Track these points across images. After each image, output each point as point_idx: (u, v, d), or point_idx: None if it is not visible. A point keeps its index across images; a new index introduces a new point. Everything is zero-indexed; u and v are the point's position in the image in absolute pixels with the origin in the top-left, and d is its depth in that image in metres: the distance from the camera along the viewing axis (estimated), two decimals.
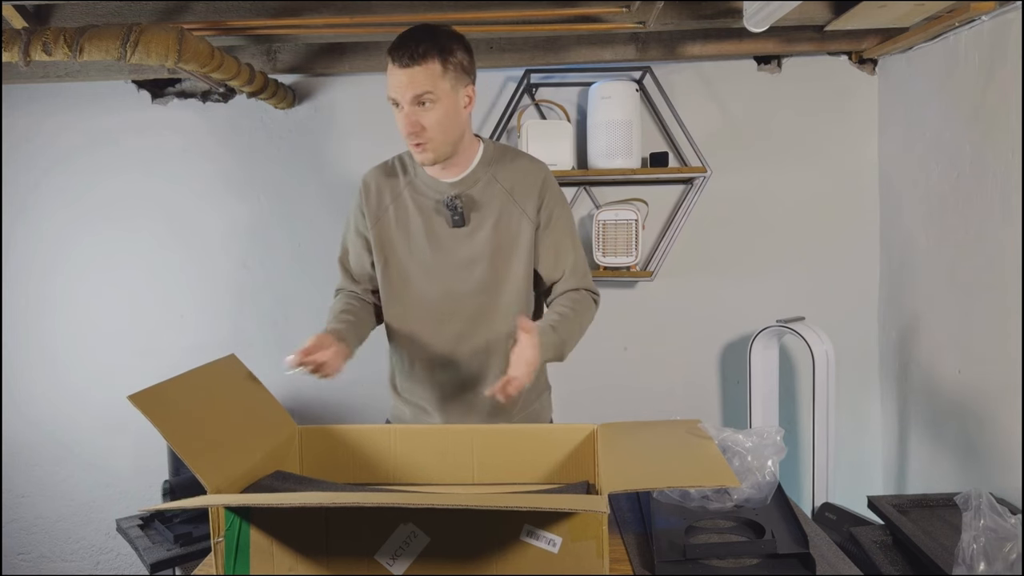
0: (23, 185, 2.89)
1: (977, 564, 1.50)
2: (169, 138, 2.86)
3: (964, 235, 2.21)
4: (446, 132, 1.55)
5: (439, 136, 1.54)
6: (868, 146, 2.76)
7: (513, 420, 1.73)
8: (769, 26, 1.98)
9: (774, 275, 2.82)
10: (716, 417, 2.89)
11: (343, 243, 1.78)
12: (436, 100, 1.51)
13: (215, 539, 1.11)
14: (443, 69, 1.51)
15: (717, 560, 1.20)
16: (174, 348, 2.88)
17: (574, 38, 2.59)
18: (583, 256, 1.75)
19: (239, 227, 2.89)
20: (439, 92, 1.51)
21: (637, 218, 2.63)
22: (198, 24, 2.17)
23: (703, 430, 1.35)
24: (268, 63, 2.63)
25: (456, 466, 1.40)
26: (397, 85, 1.51)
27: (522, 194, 1.66)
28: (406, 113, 1.52)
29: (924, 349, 2.47)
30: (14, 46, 1.92)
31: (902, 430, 2.64)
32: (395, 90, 1.51)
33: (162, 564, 2.21)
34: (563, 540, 1.04)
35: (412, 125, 1.52)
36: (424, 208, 1.66)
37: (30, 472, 2.97)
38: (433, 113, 1.52)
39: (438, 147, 1.56)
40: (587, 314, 1.68)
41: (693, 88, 2.78)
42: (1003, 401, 2.04)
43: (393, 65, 1.51)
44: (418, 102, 1.51)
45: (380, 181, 1.71)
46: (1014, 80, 1.95)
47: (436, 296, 1.67)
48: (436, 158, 1.58)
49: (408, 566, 1.07)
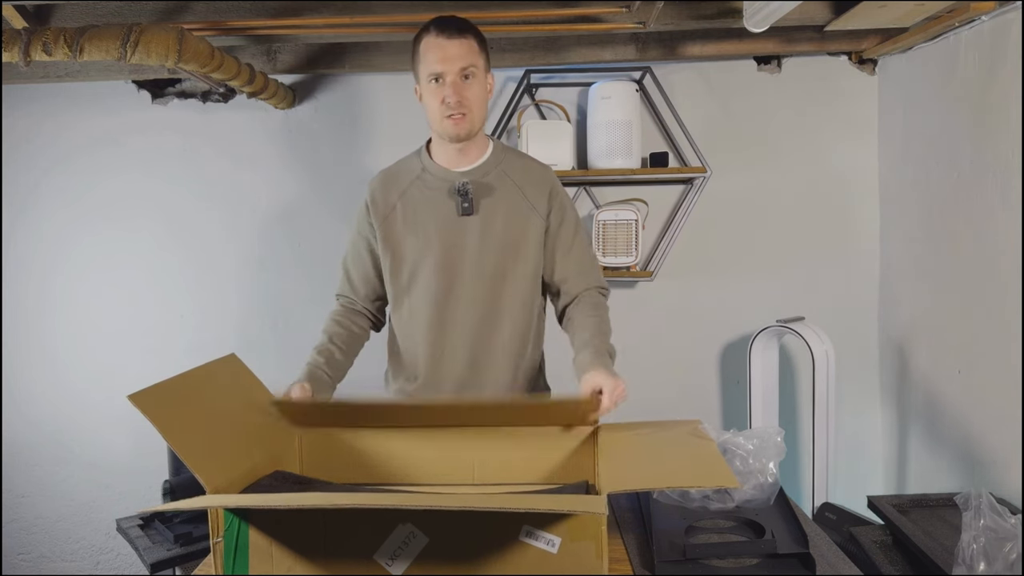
0: (23, 185, 2.89)
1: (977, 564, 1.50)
2: (169, 138, 2.86)
3: (964, 235, 2.21)
4: (481, 109, 1.63)
5: (476, 111, 1.61)
6: (868, 146, 2.76)
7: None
8: (769, 26, 1.98)
9: (774, 275, 2.82)
10: (716, 417, 2.89)
11: (348, 246, 1.80)
12: (476, 75, 1.59)
13: (214, 539, 1.11)
14: (480, 48, 1.60)
15: (717, 560, 1.20)
16: (174, 348, 2.88)
17: (574, 38, 2.59)
18: (591, 254, 1.80)
19: (239, 227, 2.89)
20: (479, 68, 1.59)
21: (637, 218, 2.63)
22: (198, 24, 2.17)
23: (703, 431, 1.35)
24: (268, 63, 2.64)
25: (455, 466, 1.40)
26: (444, 58, 1.55)
27: (533, 192, 1.69)
28: (451, 83, 1.57)
29: (924, 349, 2.47)
30: (14, 46, 1.92)
31: (902, 430, 2.64)
32: (442, 63, 1.56)
33: (162, 564, 2.21)
34: (562, 540, 1.04)
35: (457, 94, 1.57)
36: (434, 199, 1.68)
37: (30, 472, 2.98)
38: (475, 87, 1.59)
39: (474, 121, 1.62)
40: (606, 314, 1.73)
41: (693, 88, 2.78)
42: (1003, 401, 2.04)
43: (439, 37, 1.56)
44: (463, 75, 1.57)
45: (386, 182, 1.74)
46: (1014, 80, 1.95)
47: (442, 287, 1.67)
48: (470, 132, 1.63)
49: (407, 566, 1.07)
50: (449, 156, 1.68)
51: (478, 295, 1.66)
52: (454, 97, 1.56)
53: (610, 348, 1.64)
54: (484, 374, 1.69)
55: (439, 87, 1.58)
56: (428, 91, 1.60)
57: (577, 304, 1.72)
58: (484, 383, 1.70)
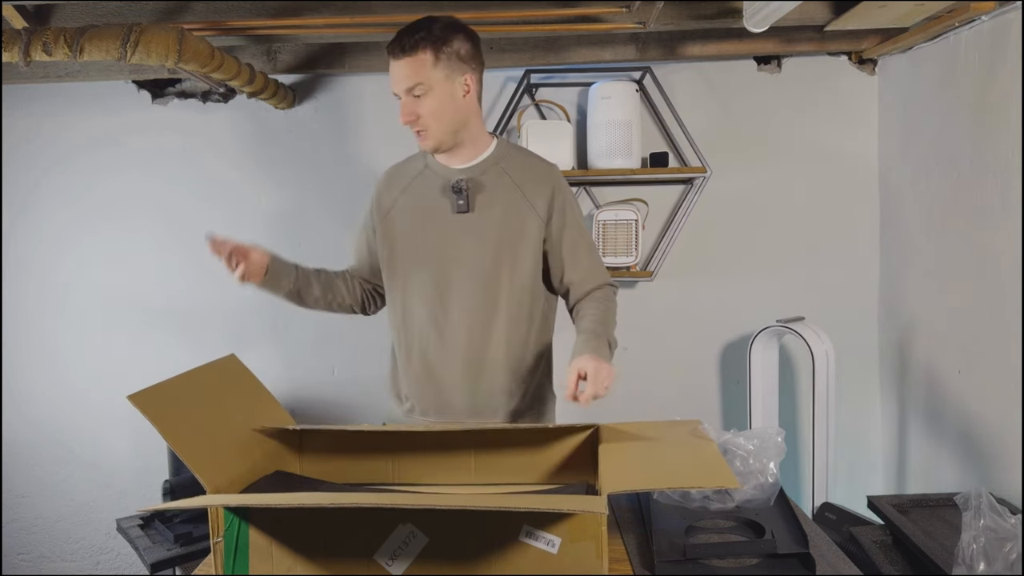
0: (23, 185, 2.89)
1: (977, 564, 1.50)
2: (169, 138, 2.86)
3: (964, 235, 2.21)
4: (441, 120, 1.61)
5: (434, 124, 1.61)
6: (868, 146, 2.76)
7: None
8: (769, 26, 1.98)
9: (774, 275, 2.82)
10: (716, 417, 2.89)
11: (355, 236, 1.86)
12: (428, 90, 1.58)
13: (214, 539, 1.11)
14: (435, 59, 1.57)
15: (717, 560, 1.20)
16: (174, 348, 2.88)
17: (574, 38, 2.59)
18: (597, 252, 1.81)
19: (239, 227, 2.89)
20: (431, 82, 1.58)
21: (637, 218, 2.63)
22: (198, 24, 2.17)
23: (704, 431, 1.35)
24: (268, 63, 2.64)
25: (455, 466, 1.40)
26: (392, 77, 1.60)
27: (532, 191, 1.68)
28: (403, 103, 1.61)
29: (924, 349, 2.47)
30: (14, 46, 1.92)
31: (902, 430, 2.64)
32: (393, 83, 1.61)
33: (162, 564, 2.21)
34: (562, 541, 1.04)
35: (407, 115, 1.61)
36: (431, 195, 1.69)
37: (30, 472, 2.98)
38: (427, 102, 1.59)
39: (436, 135, 1.63)
40: (613, 306, 1.75)
41: (693, 88, 2.78)
42: (1003, 401, 2.04)
43: (391, 57, 1.59)
44: (411, 93, 1.59)
45: (390, 179, 1.77)
46: (1014, 80, 1.95)
47: (437, 284, 1.67)
48: (437, 145, 1.65)
49: (407, 566, 1.07)
50: (446, 155, 1.69)
51: (473, 294, 1.66)
52: (403, 117, 1.61)
53: (610, 337, 1.64)
54: (480, 376, 1.68)
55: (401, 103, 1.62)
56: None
57: (586, 298, 1.73)
58: (480, 385, 1.68)
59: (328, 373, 2.89)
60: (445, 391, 1.70)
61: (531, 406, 1.75)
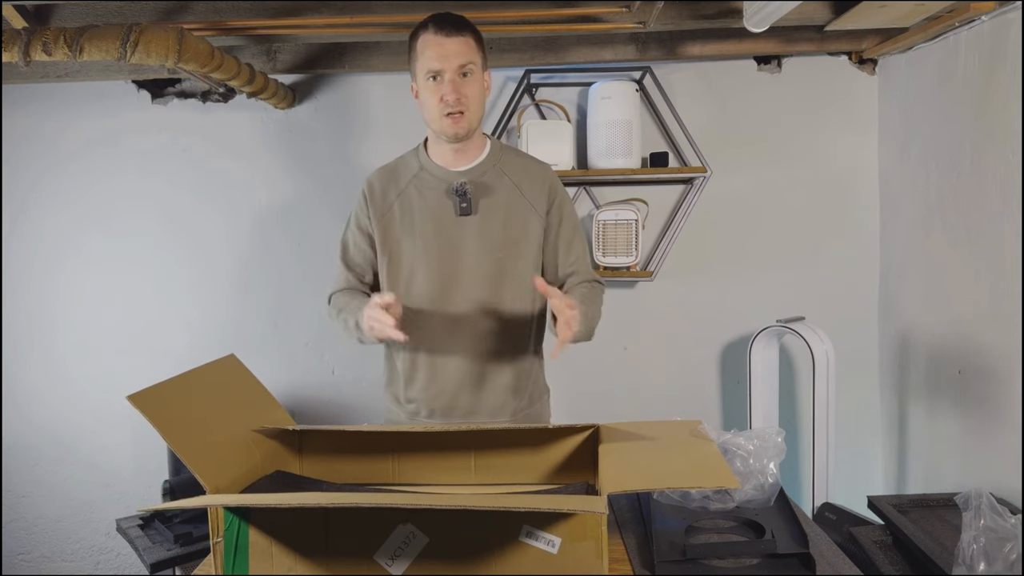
0: (23, 185, 2.89)
1: (977, 564, 1.50)
2: (169, 138, 2.86)
3: (964, 235, 2.21)
4: (479, 107, 1.62)
5: (474, 108, 1.60)
6: (868, 146, 2.76)
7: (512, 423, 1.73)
8: (769, 26, 1.98)
9: (774, 275, 2.82)
10: (716, 417, 2.89)
11: (343, 243, 1.78)
12: (474, 72, 1.58)
13: (214, 539, 1.11)
14: (477, 46, 1.59)
15: (717, 560, 1.20)
16: (174, 348, 2.88)
17: (574, 38, 2.59)
18: (587, 252, 1.82)
19: (239, 227, 2.89)
20: (477, 66, 1.58)
21: (637, 218, 2.63)
22: (198, 24, 2.17)
23: (704, 431, 1.35)
24: (268, 63, 2.63)
25: (455, 466, 1.40)
26: (443, 55, 1.54)
27: (531, 191, 1.68)
28: (450, 80, 1.55)
29: (924, 349, 2.47)
30: (14, 46, 1.92)
31: (902, 430, 2.64)
32: (440, 60, 1.54)
33: (162, 564, 2.21)
34: (562, 541, 1.04)
35: (457, 92, 1.55)
36: (431, 198, 1.67)
37: (30, 472, 2.97)
38: (473, 85, 1.58)
39: (472, 119, 1.61)
40: (600, 299, 1.74)
41: (693, 88, 2.78)
42: (1003, 401, 2.04)
43: (437, 35, 1.54)
44: (461, 72, 1.56)
45: (384, 180, 1.72)
46: (1014, 80, 1.95)
47: (442, 288, 1.66)
48: (469, 130, 1.62)
49: (407, 566, 1.07)
50: (447, 155, 1.67)
51: (477, 296, 1.66)
52: (453, 95, 1.55)
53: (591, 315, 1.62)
54: (484, 376, 1.69)
55: (437, 85, 1.56)
56: (426, 89, 1.58)
57: (578, 286, 1.73)
58: (483, 385, 1.69)
59: (328, 373, 2.89)
60: (451, 393, 1.70)
61: (532, 403, 1.78)
